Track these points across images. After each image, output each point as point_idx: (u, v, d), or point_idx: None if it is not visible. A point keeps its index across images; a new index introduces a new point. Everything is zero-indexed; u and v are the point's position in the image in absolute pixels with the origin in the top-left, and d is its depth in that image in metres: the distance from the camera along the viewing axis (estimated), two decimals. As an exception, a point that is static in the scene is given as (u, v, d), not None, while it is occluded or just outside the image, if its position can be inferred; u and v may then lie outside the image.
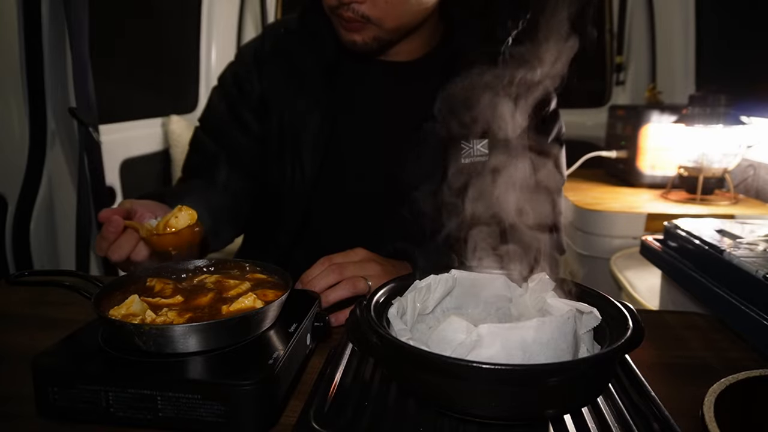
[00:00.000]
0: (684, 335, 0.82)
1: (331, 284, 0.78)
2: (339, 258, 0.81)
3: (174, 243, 0.74)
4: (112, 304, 0.62)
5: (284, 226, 1.03)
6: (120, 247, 0.76)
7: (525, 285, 0.63)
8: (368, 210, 1.02)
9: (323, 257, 0.82)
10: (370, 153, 1.01)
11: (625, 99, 2.75)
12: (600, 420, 0.54)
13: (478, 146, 0.99)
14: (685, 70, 2.33)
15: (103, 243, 0.77)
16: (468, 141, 0.99)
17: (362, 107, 1.02)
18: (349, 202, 1.03)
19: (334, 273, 0.78)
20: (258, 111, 1.04)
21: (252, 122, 1.04)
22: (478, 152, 0.99)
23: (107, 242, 0.76)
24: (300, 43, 1.00)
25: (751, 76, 1.95)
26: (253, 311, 0.61)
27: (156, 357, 0.58)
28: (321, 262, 0.81)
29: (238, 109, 1.04)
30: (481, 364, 0.45)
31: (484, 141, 0.99)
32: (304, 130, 0.99)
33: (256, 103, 1.03)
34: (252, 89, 1.03)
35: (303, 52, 1.00)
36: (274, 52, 1.03)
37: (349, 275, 0.79)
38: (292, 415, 0.58)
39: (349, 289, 0.78)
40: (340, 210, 1.03)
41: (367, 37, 0.91)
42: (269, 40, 1.04)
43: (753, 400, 0.50)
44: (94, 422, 0.56)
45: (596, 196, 2.03)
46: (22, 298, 0.92)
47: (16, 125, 1.56)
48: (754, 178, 1.98)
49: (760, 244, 0.87)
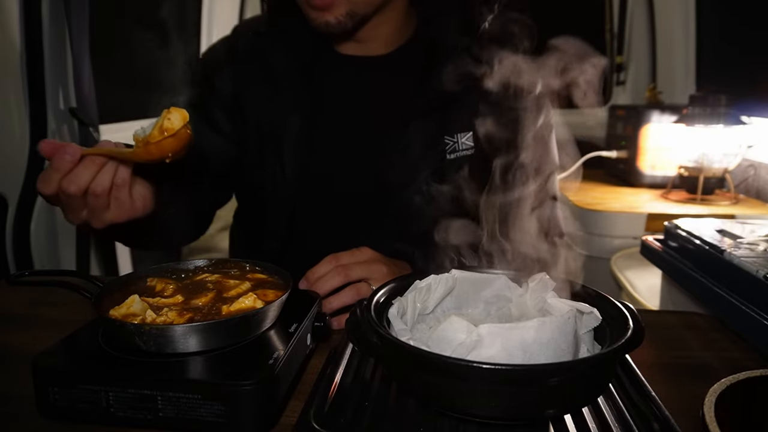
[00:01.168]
0: (684, 335, 0.82)
1: (336, 287, 0.78)
2: (345, 258, 0.80)
3: (174, 147, 0.66)
4: (112, 304, 0.62)
5: (271, 230, 1.01)
6: (78, 176, 0.66)
7: (525, 285, 0.63)
8: (355, 210, 1.00)
9: (329, 255, 0.81)
10: (353, 151, 0.99)
11: (625, 99, 2.75)
12: (600, 420, 0.54)
13: (463, 140, 0.97)
14: (685, 70, 2.32)
15: (54, 175, 0.66)
16: (452, 135, 0.96)
17: (342, 105, 1.00)
18: (335, 203, 1.01)
19: (339, 275, 0.78)
20: (231, 112, 1.01)
21: (224, 123, 1.01)
22: (464, 146, 0.97)
23: (60, 173, 0.66)
24: (272, 44, 0.97)
25: (751, 76, 1.95)
26: (253, 311, 0.61)
27: (156, 357, 0.57)
28: (327, 260, 0.80)
29: (209, 107, 1.01)
30: (482, 364, 0.45)
31: (469, 134, 0.97)
32: (284, 133, 0.96)
33: (229, 104, 1.00)
34: (224, 89, 1.00)
35: (276, 53, 0.97)
36: (247, 54, 0.99)
37: (355, 277, 0.79)
38: (292, 415, 0.58)
39: (352, 297, 0.77)
40: (326, 211, 1.01)
41: (340, 14, 0.87)
42: (241, 42, 1.00)
43: (753, 400, 0.50)
44: (94, 422, 0.56)
45: (596, 196, 2.03)
46: (22, 298, 0.92)
47: (16, 125, 1.56)
48: (754, 178, 1.98)
49: (760, 244, 0.87)
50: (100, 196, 0.68)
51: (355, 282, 0.79)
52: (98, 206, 0.69)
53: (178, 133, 0.66)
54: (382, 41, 0.98)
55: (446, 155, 0.95)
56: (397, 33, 0.99)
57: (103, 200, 0.69)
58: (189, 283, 0.72)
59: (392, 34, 0.99)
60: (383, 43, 0.99)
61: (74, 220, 0.71)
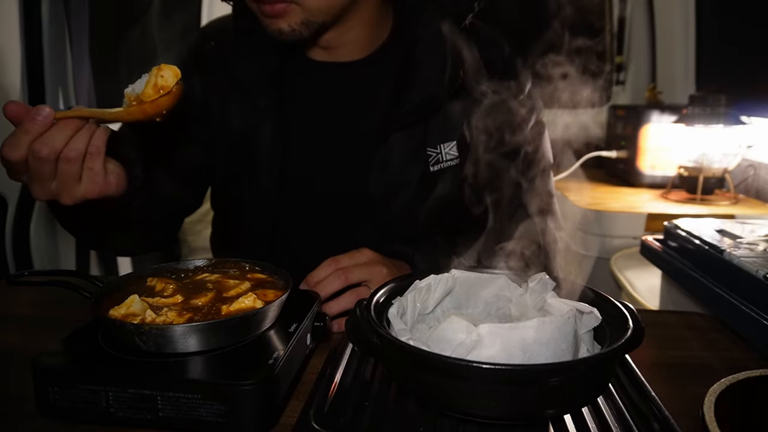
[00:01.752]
0: (684, 335, 0.82)
1: (336, 290, 0.77)
2: (345, 261, 0.80)
3: (168, 104, 0.65)
4: (112, 304, 0.62)
5: (253, 237, 0.98)
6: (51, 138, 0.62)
7: (525, 285, 0.63)
8: (336, 214, 0.98)
9: (329, 258, 0.80)
10: (331, 159, 0.96)
11: (625, 99, 2.75)
12: (600, 420, 0.54)
13: (447, 150, 0.94)
14: (685, 70, 2.32)
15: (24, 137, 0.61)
16: (434, 146, 0.93)
17: (314, 112, 0.96)
18: (316, 208, 0.98)
19: (339, 279, 0.77)
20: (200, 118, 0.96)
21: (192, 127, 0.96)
22: (448, 156, 0.94)
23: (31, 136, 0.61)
24: (239, 52, 0.92)
25: (751, 76, 1.95)
26: (253, 311, 0.61)
27: (156, 357, 0.57)
28: (327, 264, 0.79)
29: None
30: (481, 364, 0.45)
31: (452, 143, 0.94)
32: (257, 145, 0.92)
33: (198, 110, 0.96)
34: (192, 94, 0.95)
35: (243, 62, 0.92)
36: (214, 62, 0.94)
37: (355, 280, 0.78)
38: (292, 415, 0.58)
39: (353, 301, 0.77)
40: (308, 216, 0.98)
41: (294, 22, 0.82)
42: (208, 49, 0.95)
43: (753, 400, 0.50)
44: (94, 422, 0.56)
45: (596, 196, 2.03)
46: (22, 298, 0.92)
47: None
48: (754, 178, 1.98)
49: (760, 244, 0.87)
50: (73, 162, 0.64)
51: (355, 285, 0.79)
52: (70, 176, 0.65)
53: (173, 90, 0.64)
54: (351, 47, 0.94)
55: (429, 167, 0.93)
56: (368, 38, 0.94)
57: (75, 168, 0.64)
58: (189, 283, 0.72)
59: (363, 39, 0.94)
60: (354, 48, 0.94)
61: (41, 194, 0.66)
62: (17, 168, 0.64)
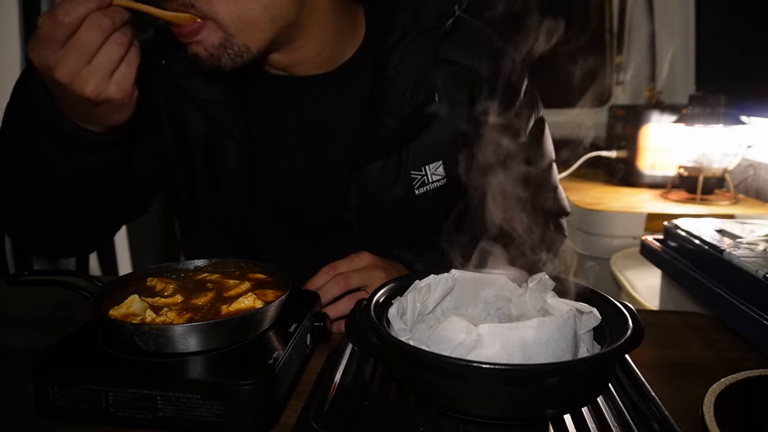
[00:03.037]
0: (684, 335, 0.82)
1: (335, 296, 0.77)
2: (343, 266, 0.79)
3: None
4: (112, 304, 0.62)
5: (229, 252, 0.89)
6: (112, 12, 0.60)
7: (525, 285, 0.63)
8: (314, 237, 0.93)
9: (327, 265, 0.79)
10: (301, 184, 0.89)
11: (625, 99, 2.75)
12: (600, 420, 0.54)
13: (433, 171, 0.87)
14: (685, 70, 2.33)
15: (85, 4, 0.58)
16: (418, 169, 0.86)
17: (278, 129, 0.88)
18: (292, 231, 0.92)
19: (338, 285, 0.77)
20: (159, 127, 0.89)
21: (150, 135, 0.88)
22: (434, 177, 0.87)
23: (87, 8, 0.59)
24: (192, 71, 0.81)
25: (751, 76, 1.95)
26: (252, 311, 0.61)
27: (156, 357, 0.58)
28: (325, 270, 0.78)
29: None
30: (481, 364, 0.45)
31: (438, 163, 0.87)
32: (223, 165, 0.86)
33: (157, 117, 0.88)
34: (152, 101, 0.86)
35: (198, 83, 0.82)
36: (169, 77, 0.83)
37: (354, 285, 0.78)
38: (292, 415, 0.58)
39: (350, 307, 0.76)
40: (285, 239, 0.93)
41: (211, 45, 0.71)
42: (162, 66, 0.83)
43: (753, 400, 0.50)
44: (94, 422, 0.56)
45: (596, 196, 2.03)
46: (22, 298, 0.92)
47: (16, 125, 1.56)
48: (754, 178, 1.98)
49: (760, 244, 0.87)
50: (120, 47, 0.62)
51: (354, 290, 0.79)
52: (108, 62, 0.62)
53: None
54: (312, 63, 0.84)
55: (414, 191, 0.87)
56: (328, 53, 0.84)
57: (118, 56, 0.62)
58: (189, 282, 0.72)
59: (322, 56, 0.84)
60: (316, 64, 0.84)
61: (66, 73, 0.60)
62: (58, 34, 0.59)
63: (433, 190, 0.88)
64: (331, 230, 0.91)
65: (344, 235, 0.88)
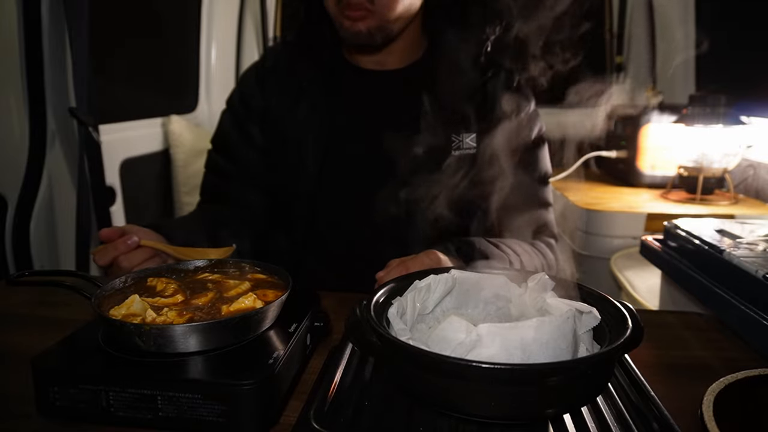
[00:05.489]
0: (684, 335, 0.83)
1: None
2: (413, 264, 0.81)
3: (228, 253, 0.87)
4: (112, 304, 0.62)
5: (292, 232, 1.07)
6: (134, 257, 0.82)
7: (524, 285, 0.63)
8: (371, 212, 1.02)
9: (397, 260, 0.82)
10: (368, 152, 1.05)
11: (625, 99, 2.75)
12: (600, 420, 0.54)
13: (467, 139, 1.05)
14: (685, 70, 2.33)
15: (112, 251, 0.81)
16: (458, 134, 1.05)
17: (358, 111, 1.07)
18: (352, 205, 1.06)
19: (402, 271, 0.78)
20: (263, 125, 1.09)
21: (257, 136, 1.09)
22: (467, 145, 1.05)
23: (117, 252, 0.81)
24: (299, 56, 1.07)
25: (751, 76, 1.95)
26: (253, 311, 0.61)
27: (156, 357, 0.58)
28: (396, 267, 0.80)
29: (245, 126, 1.09)
30: (481, 364, 0.45)
31: (472, 135, 1.05)
32: (306, 132, 1.04)
33: (260, 118, 1.09)
34: (256, 106, 1.09)
35: (302, 64, 1.06)
36: (275, 67, 1.09)
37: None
38: (292, 415, 0.58)
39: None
40: (344, 213, 1.06)
41: (371, 26, 0.95)
42: (270, 58, 1.11)
43: (752, 399, 0.50)
44: (94, 422, 0.56)
45: (596, 196, 2.03)
46: (22, 298, 0.92)
47: (16, 125, 1.56)
48: (754, 178, 1.98)
49: (760, 244, 0.87)
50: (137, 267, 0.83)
51: None
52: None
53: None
54: (397, 56, 1.08)
55: (452, 151, 1.04)
56: (410, 50, 1.08)
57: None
58: (189, 282, 0.72)
59: (406, 50, 1.08)
60: (398, 58, 1.08)
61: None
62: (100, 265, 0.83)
63: (465, 155, 1.04)
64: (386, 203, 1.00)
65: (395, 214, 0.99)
